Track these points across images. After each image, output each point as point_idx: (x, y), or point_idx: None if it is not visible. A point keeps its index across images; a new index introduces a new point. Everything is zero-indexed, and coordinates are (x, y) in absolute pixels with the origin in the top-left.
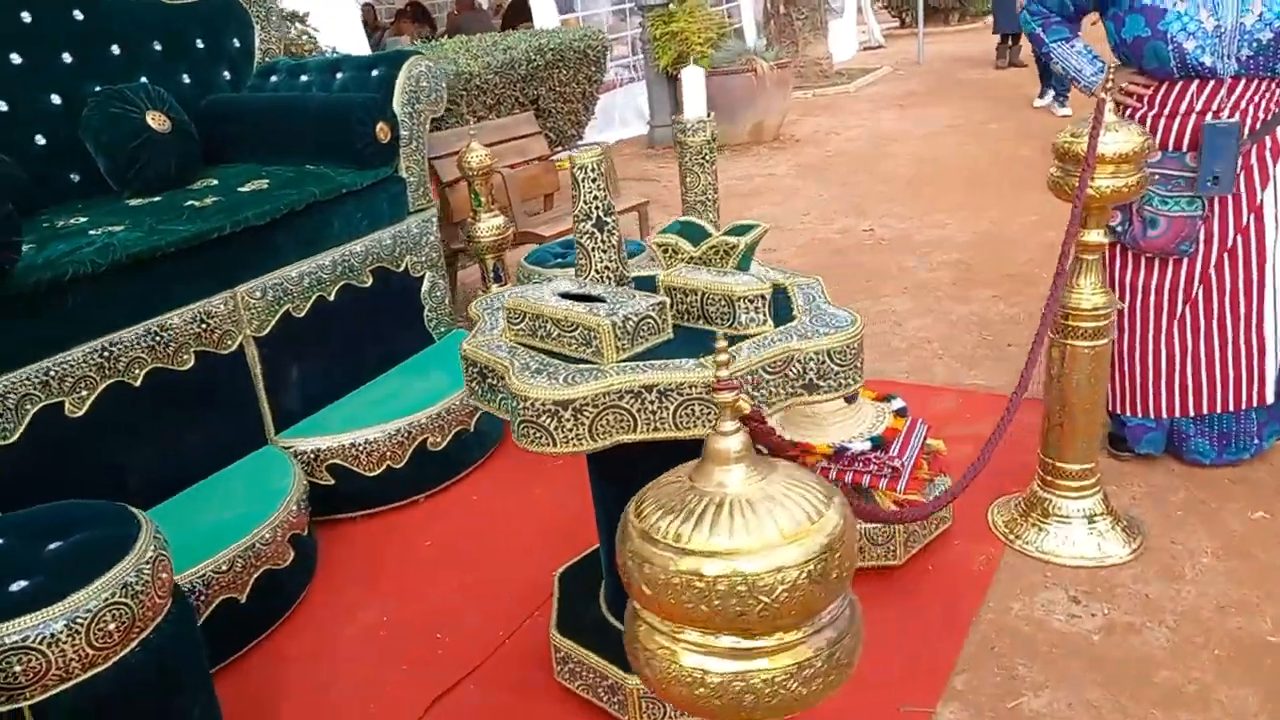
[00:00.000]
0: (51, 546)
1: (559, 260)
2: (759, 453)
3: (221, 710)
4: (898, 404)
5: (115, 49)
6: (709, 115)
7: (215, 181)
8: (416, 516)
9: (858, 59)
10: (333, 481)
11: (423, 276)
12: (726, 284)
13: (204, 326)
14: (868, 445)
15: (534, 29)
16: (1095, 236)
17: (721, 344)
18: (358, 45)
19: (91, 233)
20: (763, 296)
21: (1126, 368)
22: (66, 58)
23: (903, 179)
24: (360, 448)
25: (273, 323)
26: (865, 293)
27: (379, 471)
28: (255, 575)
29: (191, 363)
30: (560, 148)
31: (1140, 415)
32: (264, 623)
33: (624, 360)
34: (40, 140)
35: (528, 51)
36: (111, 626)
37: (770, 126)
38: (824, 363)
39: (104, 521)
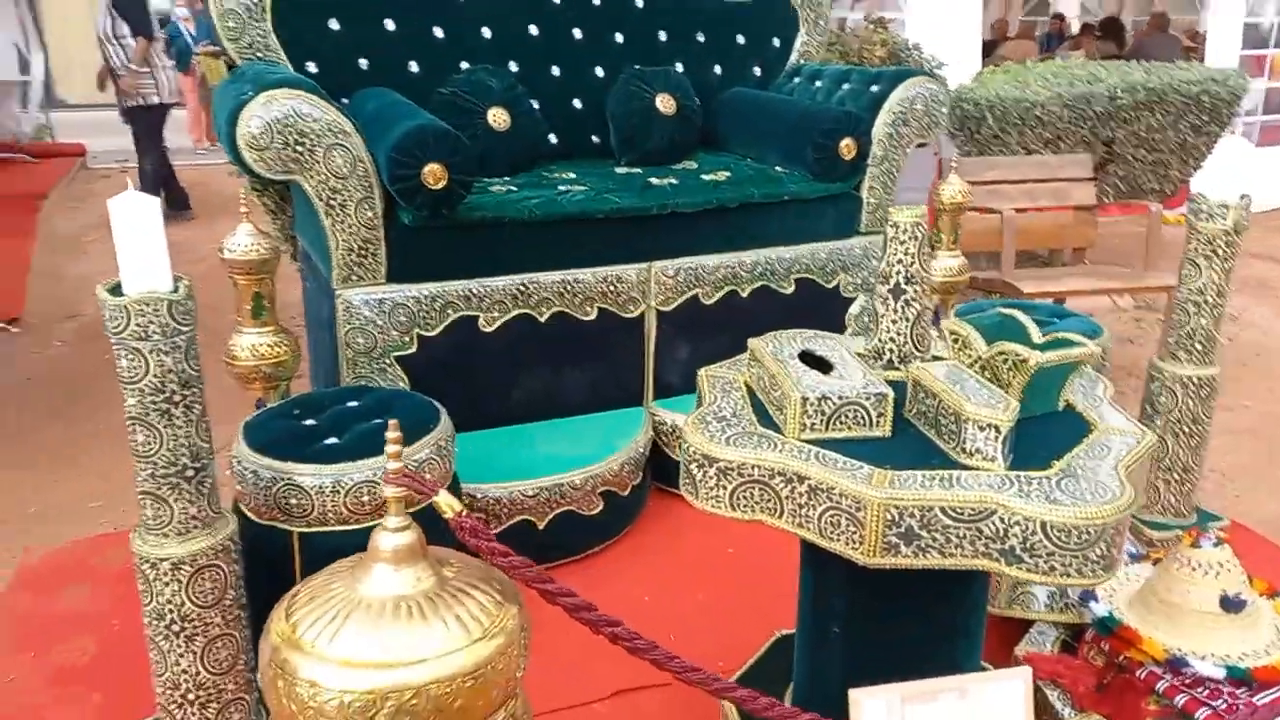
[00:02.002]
0: (374, 421)
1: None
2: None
3: None
4: None
5: (662, 35)
6: (1243, 199)
7: (694, 165)
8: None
9: None
10: None
11: (854, 299)
12: (961, 398)
13: (612, 288)
14: (1221, 672)
15: (1149, 62)
16: None
17: (394, 434)
18: (969, 63)
19: (560, 188)
20: (996, 428)
21: None
22: (618, 38)
23: None
24: None
25: (679, 301)
26: None
27: None
28: (555, 511)
29: (594, 315)
30: (1141, 198)
31: None
32: (552, 555)
33: (807, 440)
34: (577, 104)
35: (1113, 87)
36: (365, 499)
37: None
38: (1033, 534)
39: (419, 419)
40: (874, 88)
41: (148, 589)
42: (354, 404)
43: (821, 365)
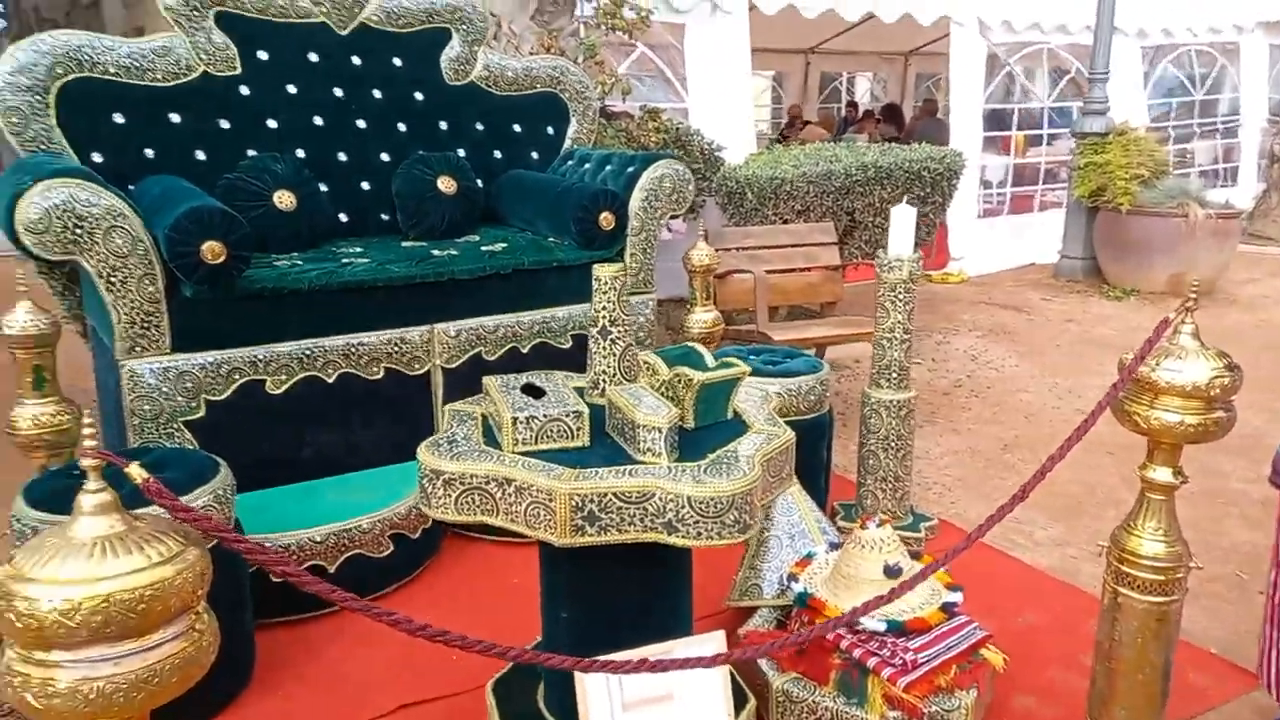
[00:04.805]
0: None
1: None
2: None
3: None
4: (954, 596)
5: (443, 125)
6: (915, 254)
7: (476, 238)
8: (527, 556)
9: None
10: None
11: None
12: (634, 409)
13: (397, 349)
14: (882, 626)
15: (877, 146)
16: (1163, 476)
17: (89, 428)
18: (744, 145)
19: (344, 261)
20: (659, 429)
21: None
22: (401, 127)
23: None
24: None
25: (463, 359)
26: (1104, 482)
27: None
28: (346, 554)
29: (381, 375)
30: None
31: None
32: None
33: (519, 452)
34: (365, 186)
35: (848, 167)
36: None
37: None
38: (683, 508)
39: (197, 471)
40: (629, 169)
41: None
42: None
43: (539, 394)
